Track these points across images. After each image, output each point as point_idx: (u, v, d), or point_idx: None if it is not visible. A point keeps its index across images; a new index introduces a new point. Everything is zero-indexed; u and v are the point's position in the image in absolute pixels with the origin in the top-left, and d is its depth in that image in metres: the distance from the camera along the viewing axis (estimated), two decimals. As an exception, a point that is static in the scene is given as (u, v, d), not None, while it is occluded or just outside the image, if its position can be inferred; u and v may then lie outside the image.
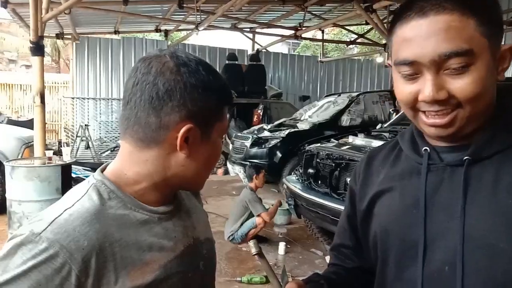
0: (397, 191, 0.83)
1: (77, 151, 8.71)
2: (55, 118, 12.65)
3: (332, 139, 4.79)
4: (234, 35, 11.72)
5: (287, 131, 6.79)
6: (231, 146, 7.65)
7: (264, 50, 12.04)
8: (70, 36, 10.02)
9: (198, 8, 7.83)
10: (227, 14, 8.45)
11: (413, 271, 0.76)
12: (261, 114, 9.46)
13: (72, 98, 10.51)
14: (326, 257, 3.97)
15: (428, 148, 0.79)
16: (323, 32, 11.25)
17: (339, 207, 3.39)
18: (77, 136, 9.15)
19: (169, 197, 0.78)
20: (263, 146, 6.73)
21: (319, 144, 4.46)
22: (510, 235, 0.67)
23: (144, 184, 0.73)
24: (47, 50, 15.68)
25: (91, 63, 10.59)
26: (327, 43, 13.36)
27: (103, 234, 0.66)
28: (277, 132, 6.94)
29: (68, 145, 8.57)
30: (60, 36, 9.93)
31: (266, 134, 7.00)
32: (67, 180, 3.93)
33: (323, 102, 8.03)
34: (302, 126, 6.96)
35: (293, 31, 10.05)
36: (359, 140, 4.08)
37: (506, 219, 0.68)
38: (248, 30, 11.01)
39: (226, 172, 8.15)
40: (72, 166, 4.39)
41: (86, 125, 9.15)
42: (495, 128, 0.74)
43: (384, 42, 9.51)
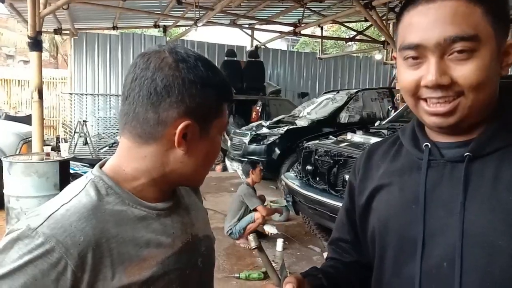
0: (396, 186, 0.82)
1: (75, 147, 8.69)
2: (53, 114, 12.63)
3: (330, 136, 4.79)
4: (233, 32, 11.68)
5: (286, 128, 6.79)
6: (229, 143, 7.64)
7: (263, 47, 12.02)
8: (68, 32, 9.98)
9: (196, 4, 7.80)
10: (226, 10, 8.42)
11: (411, 267, 0.76)
12: (259, 110, 9.45)
13: (70, 94, 10.49)
14: (324, 253, 3.99)
15: (429, 144, 0.79)
16: (322, 28, 11.23)
17: (337, 203, 3.39)
18: (75, 132, 9.13)
19: (168, 193, 0.78)
20: (262, 143, 6.73)
21: (317, 141, 4.46)
22: (509, 232, 0.68)
23: (143, 180, 0.73)
24: (45, 45, 15.61)
25: (89, 59, 10.56)
26: (326, 40, 13.34)
27: (99, 230, 0.66)
28: (275, 129, 6.93)
29: (66, 141, 8.56)
30: (58, 31, 9.89)
31: (265, 130, 7.00)
32: (65, 176, 3.93)
33: (321, 99, 8.03)
34: (301, 123, 6.96)
35: (292, 28, 10.02)
36: (357, 137, 4.08)
37: (506, 216, 0.68)
38: (247, 26, 10.98)
39: (225, 168, 8.15)
40: (70, 162, 4.38)
41: (84, 121, 9.13)
42: (497, 125, 0.74)
43: (383, 39, 9.50)
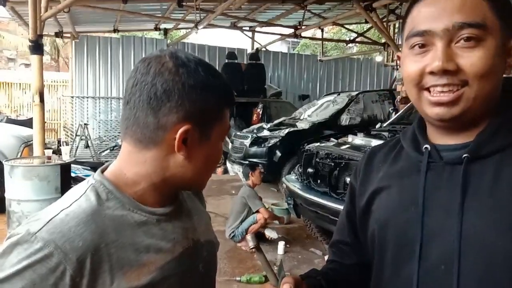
0: (396, 189, 0.83)
1: (76, 150, 8.70)
2: (55, 117, 12.64)
3: (331, 139, 4.79)
4: (234, 34, 11.71)
5: (287, 130, 6.79)
6: (230, 145, 7.64)
7: (264, 49, 12.03)
8: (69, 35, 10.01)
9: (197, 6, 7.82)
10: (226, 13, 8.43)
11: (409, 269, 0.76)
12: (260, 113, 9.46)
13: (72, 97, 10.50)
14: (325, 256, 3.97)
15: (428, 146, 0.79)
16: (322, 30, 11.24)
17: (338, 206, 3.39)
18: (76, 135, 9.14)
19: (169, 198, 0.77)
20: (263, 145, 6.72)
21: (318, 144, 4.46)
22: (507, 234, 0.67)
23: (143, 184, 0.73)
24: (46, 48, 15.64)
25: (91, 62, 10.57)
26: (326, 42, 13.35)
27: (99, 235, 0.66)
28: (276, 131, 6.93)
29: (67, 144, 8.56)
30: (59, 34, 9.91)
31: (266, 133, 7.00)
32: (66, 179, 3.93)
33: (322, 101, 8.03)
34: (302, 125, 6.96)
35: (292, 30, 10.05)
36: (358, 139, 4.08)
37: (504, 219, 0.68)
38: (248, 28, 10.99)
39: (226, 171, 8.14)
40: (72, 165, 4.38)
41: (85, 124, 9.14)
42: (496, 126, 0.74)
43: (383, 41, 9.50)
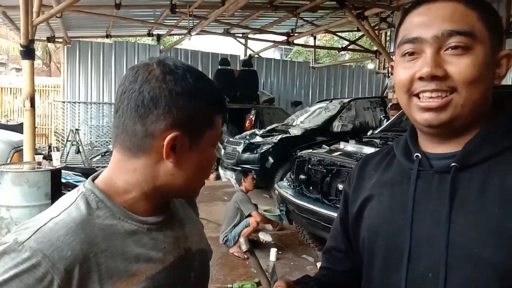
0: (387, 196, 0.84)
1: (67, 156, 8.62)
2: (45, 122, 12.52)
3: (323, 145, 4.81)
4: (227, 41, 11.75)
5: (279, 137, 6.80)
6: (223, 151, 7.63)
7: (257, 56, 12.08)
8: (61, 40, 9.96)
9: (190, 13, 7.84)
10: (219, 20, 8.46)
11: (397, 276, 0.77)
12: (253, 119, 9.47)
13: (63, 102, 10.43)
14: (318, 263, 3.97)
15: (419, 155, 0.80)
16: (315, 38, 11.33)
17: (330, 213, 3.39)
18: (67, 140, 9.06)
19: (160, 206, 0.77)
20: (255, 152, 6.72)
21: (310, 150, 4.47)
22: (494, 244, 0.68)
23: (134, 193, 0.72)
24: (38, 53, 15.54)
25: (83, 67, 10.52)
26: (319, 49, 13.45)
27: (88, 244, 0.65)
28: (269, 138, 6.94)
29: (58, 149, 8.48)
30: (51, 39, 9.87)
31: (258, 139, 7.00)
32: (57, 185, 3.88)
33: (315, 108, 8.07)
34: (294, 132, 6.98)
35: (285, 37, 10.11)
36: (350, 146, 4.10)
37: (492, 228, 0.68)
38: (241, 35, 11.04)
39: (218, 177, 8.12)
40: (62, 171, 4.34)
41: (76, 129, 9.07)
42: (484, 135, 0.75)
43: (375, 49, 9.60)
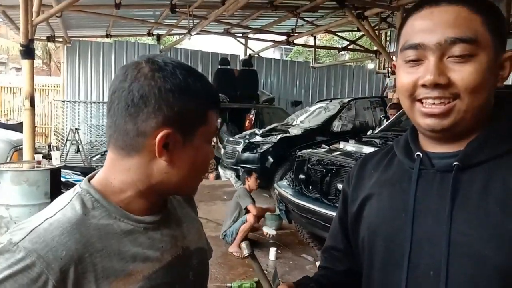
0: (387, 195, 0.83)
1: (67, 155, 8.63)
2: (45, 121, 12.52)
3: (323, 145, 4.81)
4: (227, 40, 11.75)
5: (279, 136, 6.81)
6: (222, 151, 7.64)
7: (257, 56, 12.09)
8: (61, 39, 9.97)
9: (190, 13, 7.84)
10: (219, 19, 8.46)
11: (398, 274, 0.77)
12: (253, 119, 9.47)
13: (63, 102, 10.43)
14: (317, 262, 3.98)
15: (420, 154, 0.80)
16: (315, 38, 11.34)
17: (330, 212, 3.39)
18: (67, 139, 9.06)
19: (157, 205, 0.76)
20: (255, 151, 6.73)
21: (310, 150, 4.48)
22: (495, 244, 0.68)
23: (129, 192, 0.72)
24: (38, 52, 15.53)
25: (82, 67, 10.53)
26: (319, 49, 13.45)
27: (83, 244, 0.65)
28: (269, 137, 6.95)
29: (58, 148, 8.48)
30: (51, 39, 9.86)
31: (258, 139, 7.01)
32: (56, 184, 3.89)
33: (314, 107, 8.07)
34: (294, 132, 6.98)
35: (285, 37, 10.11)
36: (350, 146, 4.10)
37: (493, 227, 0.69)
38: (241, 35, 11.04)
39: (218, 176, 8.13)
40: (62, 170, 4.34)
41: (76, 128, 9.07)
42: (487, 135, 0.75)
43: (375, 48, 9.60)
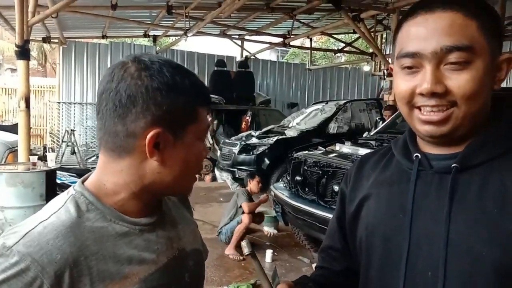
0: (385, 195, 0.84)
1: (62, 157, 8.60)
2: (41, 123, 12.46)
3: (319, 147, 4.82)
4: (223, 42, 11.75)
5: (275, 138, 6.82)
6: (219, 153, 7.63)
7: (253, 57, 12.10)
8: (57, 40, 9.93)
9: (187, 14, 7.84)
10: (216, 21, 8.47)
11: (396, 274, 0.77)
12: (249, 120, 9.49)
13: (58, 103, 10.39)
14: (313, 264, 3.98)
15: (419, 155, 0.80)
16: (311, 40, 11.37)
17: (326, 214, 3.40)
18: (62, 141, 9.03)
19: (152, 206, 0.76)
20: (251, 153, 6.74)
21: (306, 152, 4.48)
22: (493, 242, 0.69)
23: (123, 194, 0.71)
24: (33, 53, 15.47)
25: (78, 68, 10.50)
26: (315, 51, 13.49)
27: (78, 248, 0.64)
28: (265, 139, 6.96)
29: (53, 150, 8.44)
30: (46, 40, 9.83)
31: (254, 140, 7.01)
32: (51, 186, 3.87)
33: (311, 109, 8.09)
34: (290, 133, 6.99)
35: (281, 39, 10.14)
36: (346, 148, 4.11)
37: (490, 227, 0.69)
38: (237, 37, 11.06)
39: (214, 178, 8.12)
40: (57, 172, 4.32)
41: (72, 130, 9.05)
42: (485, 137, 0.76)
43: (371, 51, 9.64)
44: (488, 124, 0.77)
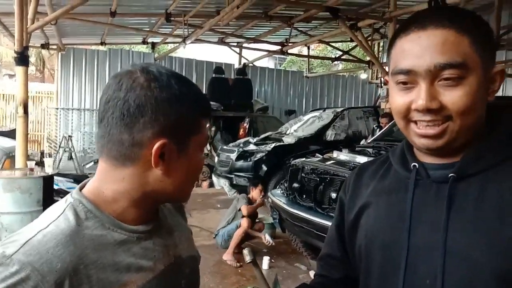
0: (383, 204, 0.85)
1: (59, 162, 8.58)
2: (38, 129, 12.44)
3: (317, 154, 4.84)
4: (221, 49, 11.80)
5: (273, 145, 6.83)
6: (216, 159, 7.63)
7: (251, 65, 12.16)
8: (55, 47, 9.96)
9: (185, 22, 7.90)
10: (214, 29, 8.52)
11: (395, 283, 0.78)
12: (247, 127, 9.50)
13: (56, 109, 10.39)
14: (310, 271, 3.97)
15: (416, 164, 0.81)
16: (308, 48, 11.44)
17: (324, 221, 3.40)
18: (60, 147, 9.02)
19: (150, 213, 0.76)
20: (249, 160, 6.74)
21: (304, 159, 4.50)
22: (491, 250, 0.70)
23: (123, 202, 0.71)
24: (32, 59, 15.46)
25: (77, 74, 10.52)
26: (312, 59, 13.56)
27: (77, 256, 0.64)
28: (263, 146, 6.97)
29: (50, 156, 8.43)
30: (45, 46, 9.85)
31: (252, 147, 7.02)
32: (49, 192, 3.87)
33: (308, 116, 8.12)
34: (288, 140, 7.01)
35: (279, 47, 10.19)
36: (343, 155, 4.13)
37: (488, 235, 0.70)
38: (235, 44, 11.11)
39: (211, 185, 8.11)
40: (55, 177, 4.32)
41: (69, 136, 9.04)
42: (482, 146, 0.77)
43: (368, 59, 9.70)
44: (484, 134, 0.78)
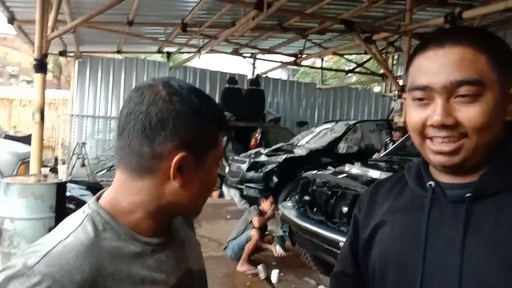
0: (399, 223, 0.84)
1: (72, 169, 8.67)
2: (53, 134, 12.65)
3: (329, 167, 4.81)
4: (235, 60, 11.91)
5: (284, 156, 6.80)
6: (227, 169, 7.63)
7: (264, 76, 12.21)
8: (73, 54, 10.16)
9: (201, 32, 7.99)
10: (229, 39, 8.60)
11: None
12: (258, 138, 9.51)
13: (71, 115, 10.55)
14: (320, 286, 3.92)
15: (433, 183, 0.81)
16: (322, 60, 11.48)
17: (334, 236, 3.37)
18: (73, 153, 9.13)
19: (164, 226, 0.77)
20: (260, 171, 6.72)
21: (315, 171, 4.47)
22: (507, 273, 0.68)
23: (139, 213, 0.72)
24: (49, 66, 15.77)
25: (92, 82, 10.69)
26: (326, 71, 13.58)
27: (96, 268, 0.65)
28: (274, 157, 6.94)
29: (64, 162, 8.54)
30: (63, 53, 10.06)
31: (263, 158, 7.01)
32: (61, 198, 3.90)
33: (320, 128, 8.10)
34: (299, 152, 6.98)
35: (293, 58, 10.24)
36: (355, 169, 4.09)
37: (505, 258, 0.69)
38: (249, 55, 11.20)
39: (221, 195, 8.10)
40: (67, 184, 4.36)
41: (83, 143, 9.15)
42: (499, 166, 0.76)
43: (382, 72, 9.67)
44: (502, 153, 0.77)
